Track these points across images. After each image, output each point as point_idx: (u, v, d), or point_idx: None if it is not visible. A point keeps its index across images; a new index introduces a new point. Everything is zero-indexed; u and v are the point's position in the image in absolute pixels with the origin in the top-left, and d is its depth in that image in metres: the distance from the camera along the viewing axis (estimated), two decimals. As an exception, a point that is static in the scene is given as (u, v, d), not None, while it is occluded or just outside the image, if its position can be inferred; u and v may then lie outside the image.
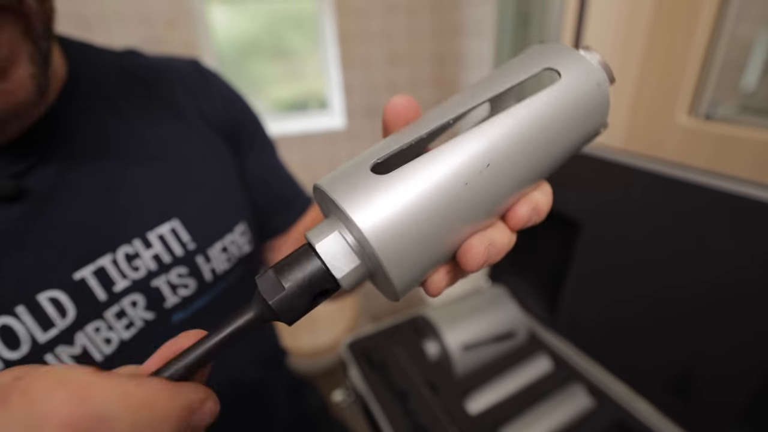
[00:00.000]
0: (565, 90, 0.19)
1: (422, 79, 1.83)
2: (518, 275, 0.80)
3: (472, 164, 0.18)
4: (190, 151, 0.41)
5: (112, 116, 0.37)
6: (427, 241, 0.18)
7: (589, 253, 0.62)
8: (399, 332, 0.71)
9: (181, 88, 0.43)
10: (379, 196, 0.17)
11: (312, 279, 0.18)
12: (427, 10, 1.73)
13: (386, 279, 0.18)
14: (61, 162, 0.33)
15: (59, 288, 0.32)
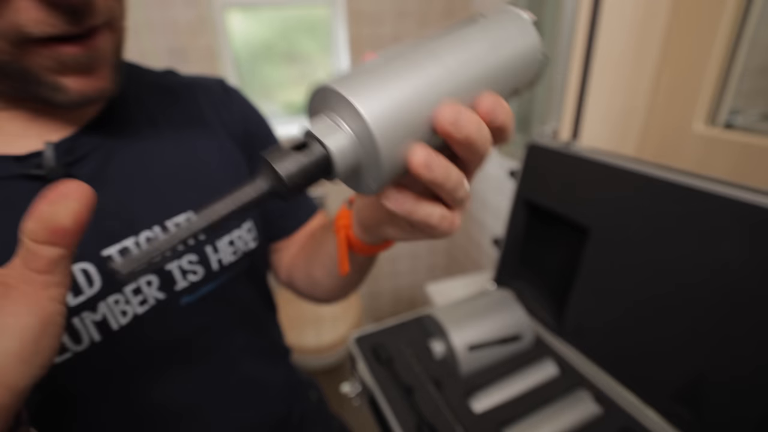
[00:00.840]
0: (493, 20, 0.27)
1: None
2: (524, 280, 0.80)
3: (432, 55, 0.23)
4: (209, 154, 0.47)
5: (147, 122, 0.44)
6: (408, 110, 0.21)
7: (597, 259, 0.62)
8: (405, 330, 0.72)
9: (207, 101, 0.49)
10: (364, 78, 0.21)
11: (308, 159, 0.21)
12: (437, 17, 1.75)
13: (372, 148, 0.21)
14: (101, 156, 0.39)
15: (90, 261, 0.36)
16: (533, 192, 0.75)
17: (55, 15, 0.29)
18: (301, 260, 0.53)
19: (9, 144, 0.35)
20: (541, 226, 0.76)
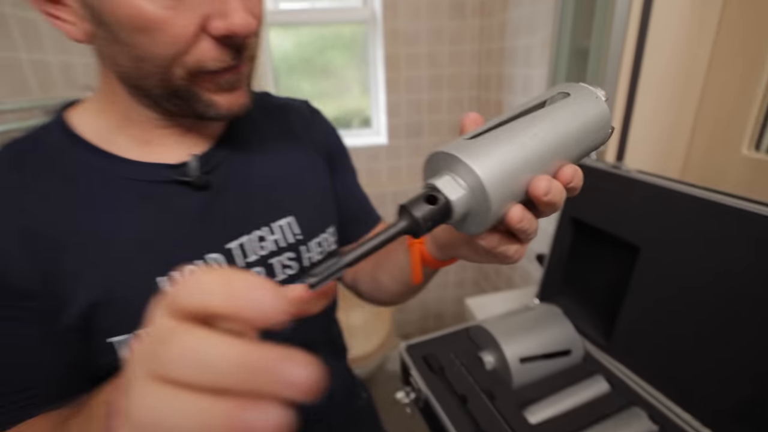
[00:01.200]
0: (574, 100, 0.32)
1: (464, 101, 1.88)
2: (569, 297, 0.82)
3: (530, 130, 0.29)
4: (303, 167, 0.55)
5: (255, 138, 0.52)
6: (511, 176, 0.27)
7: (648, 277, 0.64)
8: (453, 340, 0.74)
9: (297, 120, 0.58)
10: (477, 147, 0.27)
11: (435, 207, 0.27)
12: (472, 39, 1.79)
13: (484, 205, 0.27)
14: (227, 167, 0.48)
15: (218, 252, 0.45)
16: (579, 210, 0.78)
17: (226, 53, 0.39)
18: (367, 265, 0.60)
19: (166, 155, 0.45)
20: (587, 243, 0.78)
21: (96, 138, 0.43)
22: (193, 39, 0.36)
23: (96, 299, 0.39)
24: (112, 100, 0.43)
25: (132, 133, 0.44)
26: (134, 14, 0.34)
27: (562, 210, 0.81)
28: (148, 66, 0.37)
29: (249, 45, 0.41)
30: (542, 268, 0.87)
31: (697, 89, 0.81)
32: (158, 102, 0.41)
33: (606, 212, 0.72)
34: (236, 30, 0.36)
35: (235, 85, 0.42)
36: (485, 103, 1.81)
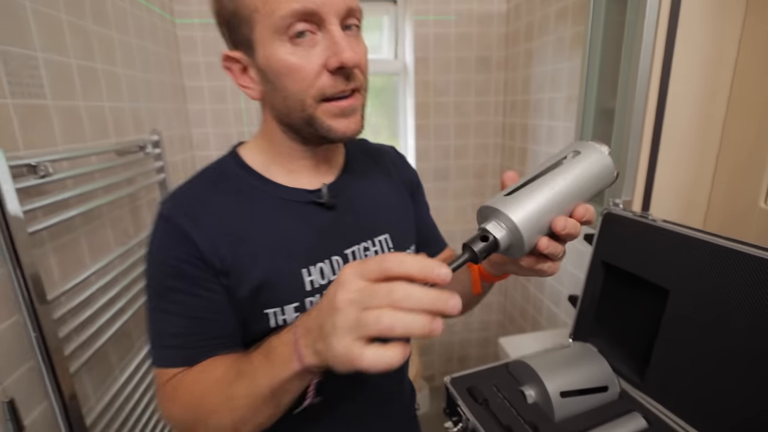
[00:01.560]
0: (584, 157, 0.45)
1: (490, 147, 1.99)
2: (601, 337, 0.87)
3: (549, 184, 0.43)
4: (394, 197, 0.72)
5: (360, 172, 0.69)
6: (537, 219, 0.42)
7: (677, 319, 0.69)
8: (493, 374, 0.79)
9: (389, 160, 0.76)
10: (513, 201, 0.42)
11: (487, 244, 0.41)
12: (497, 91, 1.92)
13: (520, 241, 0.42)
14: (346, 193, 0.64)
15: (338, 256, 0.60)
16: (610, 254, 0.84)
17: (339, 80, 0.53)
18: None
19: (306, 182, 0.62)
20: (618, 286, 0.84)
21: (259, 167, 0.61)
22: (317, 75, 0.52)
23: (260, 282, 0.55)
24: (270, 139, 0.61)
25: (282, 164, 0.61)
26: (283, 64, 0.52)
27: (593, 254, 0.88)
28: (290, 102, 0.54)
29: (356, 76, 0.54)
30: (575, 309, 0.92)
31: (715, 147, 0.89)
32: (299, 131, 0.57)
33: (635, 257, 0.78)
34: (345, 61, 0.51)
35: (349, 114, 0.56)
36: (510, 150, 1.91)
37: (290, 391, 0.45)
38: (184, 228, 0.54)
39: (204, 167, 0.62)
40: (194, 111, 1.77)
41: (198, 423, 0.50)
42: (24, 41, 0.85)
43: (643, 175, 0.88)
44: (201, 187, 0.59)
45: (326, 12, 0.50)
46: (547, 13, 1.49)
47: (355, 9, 0.54)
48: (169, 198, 0.58)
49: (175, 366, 0.54)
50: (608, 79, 0.99)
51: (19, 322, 0.79)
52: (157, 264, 0.56)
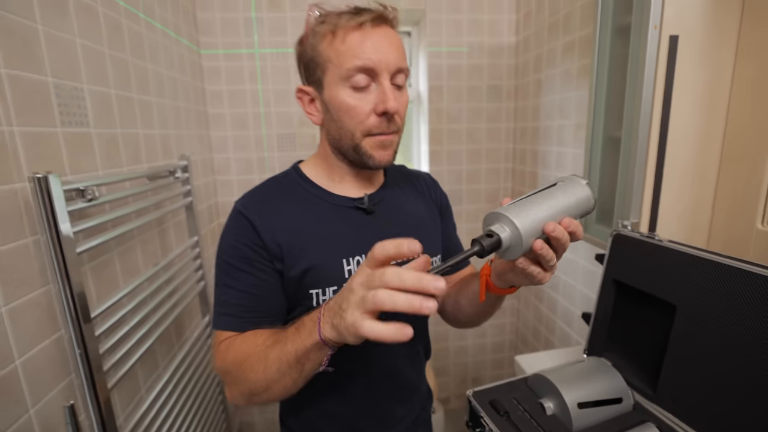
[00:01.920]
0: (569, 185, 0.56)
1: (501, 172, 2.05)
2: (613, 352, 0.90)
3: (544, 198, 0.54)
4: (424, 212, 0.84)
5: (398, 190, 0.83)
6: (533, 224, 0.50)
7: (685, 333, 0.73)
8: (512, 388, 0.83)
9: (423, 184, 0.89)
10: (514, 209, 0.51)
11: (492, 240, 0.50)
12: (507, 118, 1.99)
13: (518, 240, 0.50)
14: (384, 204, 0.77)
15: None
16: (620, 273, 0.88)
17: (383, 122, 0.68)
18: (453, 291, 0.83)
19: (351, 192, 0.76)
20: (629, 303, 0.88)
21: (315, 179, 0.76)
22: (366, 115, 0.67)
23: (308, 266, 0.68)
24: (324, 158, 0.77)
25: (333, 177, 0.77)
26: (343, 103, 0.67)
27: (604, 273, 0.92)
28: (343, 132, 0.69)
29: (395, 121, 0.69)
30: (589, 326, 0.96)
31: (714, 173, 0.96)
32: (346, 155, 0.72)
33: (644, 275, 0.83)
34: (389, 108, 0.66)
35: (387, 147, 0.70)
36: (520, 174, 1.97)
37: (311, 359, 0.54)
38: (252, 220, 0.69)
39: (272, 176, 0.79)
40: (216, 137, 1.85)
41: (240, 376, 0.61)
42: (73, 74, 0.93)
43: (648, 199, 0.93)
44: (268, 191, 0.75)
45: (381, 69, 0.65)
46: (555, 46, 1.57)
47: (404, 68, 0.68)
48: (243, 197, 0.75)
49: (228, 329, 0.67)
50: (614, 109, 1.05)
51: (62, 338, 0.83)
52: (227, 247, 0.70)
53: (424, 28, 1.89)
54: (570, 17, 1.46)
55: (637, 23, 0.92)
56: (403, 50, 0.70)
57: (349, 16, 0.66)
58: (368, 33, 0.65)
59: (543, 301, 1.84)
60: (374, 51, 0.64)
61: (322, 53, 0.67)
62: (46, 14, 0.85)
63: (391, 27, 0.69)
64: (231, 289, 0.68)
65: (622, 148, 0.99)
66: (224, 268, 0.69)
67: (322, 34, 0.68)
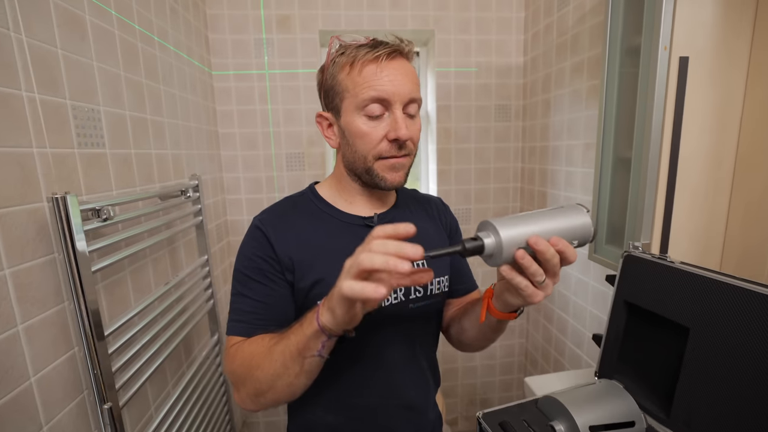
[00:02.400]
0: (567, 209, 0.58)
1: (510, 191, 2.05)
2: (625, 374, 0.88)
3: (534, 216, 0.56)
4: (433, 233, 0.86)
5: (408, 210, 0.86)
6: (517, 234, 0.53)
7: (699, 356, 0.72)
8: (523, 410, 0.82)
9: (434, 207, 0.92)
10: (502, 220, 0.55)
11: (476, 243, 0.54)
12: (516, 137, 2.00)
13: (500, 246, 0.53)
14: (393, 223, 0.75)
15: None
16: (631, 294, 0.87)
17: (394, 147, 0.72)
18: (458, 314, 0.84)
19: (362, 211, 0.80)
20: (640, 324, 0.87)
21: (329, 198, 0.81)
22: (379, 141, 0.71)
23: (317, 278, 0.72)
24: (338, 178, 0.81)
25: (345, 197, 0.81)
26: (357, 130, 0.72)
27: (615, 294, 0.92)
28: (357, 156, 0.73)
29: (407, 146, 0.73)
30: (600, 348, 0.95)
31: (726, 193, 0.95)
32: (359, 176, 0.76)
33: (655, 297, 0.82)
34: (400, 136, 0.70)
35: (398, 169, 0.74)
36: (529, 193, 1.97)
37: (310, 348, 0.57)
38: (267, 234, 0.74)
39: (289, 195, 0.85)
40: (227, 156, 1.88)
41: (247, 375, 0.64)
42: (91, 96, 0.96)
43: (660, 219, 0.93)
44: (284, 208, 0.80)
45: (394, 100, 0.70)
46: (563, 67, 1.59)
47: (416, 99, 0.73)
48: (262, 213, 0.80)
49: (239, 335, 0.71)
50: (624, 129, 1.06)
51: (75, 355, 0.84)
52: (243, 258, 0.74)
53: (433, 49, 1.92)
54: (578, 38, 1.48)
55: (647, 44, 0.93)
56: (417, 81, 0.74)
57: (366, 50, 0.70)
58: (383, 66, 0.69)
59: (553, 322, 1.82)
60: (388, 83, 0.69)
61: (341, 83, 0.72)
62: (66, 39, 0.88)
63: (407, 59, 0.73)
64: (246, 298, 0.72)
65: (633, 169, 0.99)
66: (240, 279, 0.74)
67: (341, 65, 0.72)
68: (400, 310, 0.76)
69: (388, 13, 1.84)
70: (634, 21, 1.00)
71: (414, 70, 0.75)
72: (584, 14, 1.44)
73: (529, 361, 2.12)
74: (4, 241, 0.70)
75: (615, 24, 1.05)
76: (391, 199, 0.86)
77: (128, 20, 1.14)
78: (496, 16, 1.89)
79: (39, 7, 0.81)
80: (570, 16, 1.54)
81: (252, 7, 1.78)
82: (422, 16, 1.86)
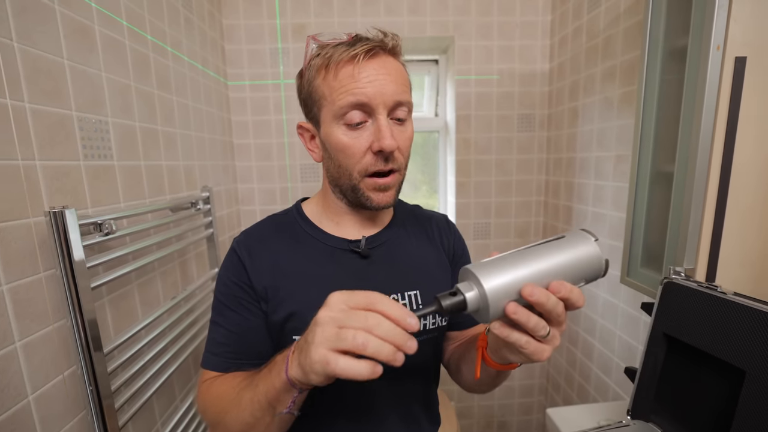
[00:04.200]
0: (568, 240, 0.47)
1: (533, 205, 1.96)
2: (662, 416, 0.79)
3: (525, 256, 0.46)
4: (431, 259, 0.76)
5: (404, 233, 0.76)
6: (506, 283, 0.43)
7: (758, 403, 0.63)
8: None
9: (435, 228, 0.81)
10: (486, 267, 0.45)
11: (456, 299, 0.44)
12: (540, 148, 1.91)
13: (486, 302, 0.43)
14: (385, 247, 0.72)
15: None
16: (672, 327, 0.78)
17: (379, 161, 0.63)
18: (458, 351, 0.75)
19: (348, 233, 0.72)
20: (682, 361, 0.78)
21: (313, 218, 0.73)
22: (362, 154, 0.63)
23: (291, 311, 0.65)
24: (324, 197, 0.74)
25: (330, 217, 0.73)
26: (337, 142, 0.63)
27: (652, 325, 0.83)
28: (341, 170, 0.65)
29: (395, 158, 0.64)
30: (633, 384, 0.86)
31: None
32: (345, 194, 0.68)
33: (702, 332, 0.73)
34: (384, 147, 0.61)
35: (385, 190, 0.66)
36: (553, 208, 1.87)
37: (281, 401, 0.50)
38: (242, 258, 0.67)
39: (274, 213, 0.77)
40: (241, 167, 1.85)
41: (218, 420, 0.59)
42: (98, 108, 0.93)
43: (707, 243, 0.83)
44: (265, 229, 0.73)
45: (376, 104, 0.61)
46: (593, 73, 1.50)
47: (404, 102, 0.63)
48: (240, 234, 0.73)
49: (213, 369, 0.66)
50: (665, 139, 0.96)
51: (76, 372, 0.81)
52: (220, 284, 0.69)
53: (453, 56, 1.86)
54: (611, 41, 1.40)
55: (696, 44, 0.83)
56: (405, 81, 0.65)
57: (343, 48, 0.61)
58: (362, 65, 0.60)
59: (577, 346, 1.71)
60: (368, 84, 0.59)
61: (317, 89, 0.64)
62: (73, 49, 0.86)
63: (392, 56, 0.64)
64: (220, 327, 0.67)
65: (675, 184, 0.89)
66: (215, 305, 0.69)
67: (317, 68, 0.63)
68: None
69: (406, 20, 1.79)
70: (679, 19, 0.90)
71: (401, 67, 0.65)
72: (618, 15, 1.36)
73: (550, 383, 2.01)
74: (3, 257, 0.68)
75: (656, 24, 0.96)
76: (386, 217, 0.77)
77: (140, 30, 1.11)
78: (520, 21, 1.81)
79: (44, 18, 0.79)
80: (602, 18, 1.45)
81: (268, 16, 1.76)
82: (442, 22, 1.80)
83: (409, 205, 0.84)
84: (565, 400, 1.85)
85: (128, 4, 1.06)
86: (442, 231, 0.81)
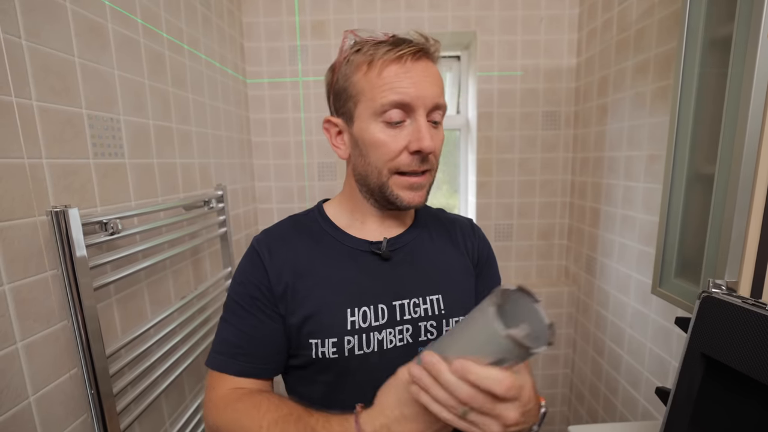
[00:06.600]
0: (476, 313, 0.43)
1: (557, 206, 1.88)
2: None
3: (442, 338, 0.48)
4: (455, 264, 0.74)
5: (428, 236, 0.75)
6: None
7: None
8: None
9: (459, 232, 0.79)
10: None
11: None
12: (565, 147, 1.83)
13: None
14: (407, 249, 0.71)
15: (386, 305, 0.66)
16: (711, 347, 0.71)
17: (415, 160, 0.63)
18: None
19: (371, 234, 0.71)
20: (722, 384, 0.70)
21: (335, 219, 0.72)
22: (398, 153, 0.62)
23: (308, 313, 0.63)
24: (348, 195, 0.73)
25: (355, 217, 0.72)
26: (373, 138, 0.63)
27: (688, 343, 0.75)
28: (371, 168, 0.65)
29: (430, 160, 0.65)
30: (666, 406, 0.79)
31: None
32: (372, 193, 0.67)
33: (748, 354, 0.65)
34: (423, 148, 0.61)
35: (417, 189, 0.66)
36: (579, 209, 1.79)
37: None
38: (263, 258, 0.66)
39: (295, 213, 0.77)
40: (259, 165, 1.84)
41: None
42: (110, 106, 0.92)
43: (752, 253, 0.74)
44: (286, 229, 0.72)
45: (417, 105, 0.61)
46: (624, 67, 1.42)
47: (441, 105, 0.64)
48: (261, 233, 0.72)
49: (220, 370, 0.64)
50: (704, 138, 0.88)
51: (78, 374, 0.80)
52: (235, 283, 0.67)
53: (475, 52, 1.79)
54: (644, 33, 1.31)
55: (742, 33, 0.74)
56: (442, 86, 0.66)
57: (387, 47, 0.61)
58: (408, 67, 0.61)
59: (603, 355, 1.62)
60: (412, 85, 0.60)
61: (356, 84, 0.63)
62: (85, 47, 0.85)
63: (432, 61, 0.65)
64: (231, 326, 0.66)
65: (716, 187, 0.81)
66: (229, 304, 0.67)
67: (357, 65, 0.63)
68: (407, 354, 0.65)
69: (426, 15, 1.73)
70: (722, 6, 0.82)
71: (439, 73, 0.66)
72: (652, 5, 1.27)
73: (574, 394, 1.92)
74: (5, 256, 0.67)
75: (695, 12, 0.87)
76: (408, 219, 0.76)
77: (155, 28, 1.10)
78: (545, 15, 1.73)
79: (55, 16, 0.78)
80: (634, 9, 1.36)
81: (287, 13, 1.73)
82: (463, 17, 1.73)
83: (432, 209, 0.83)
84: (590, 413, 1.76)
85: (144, 2, 1.05)
86: (466, 235, 0.79)
